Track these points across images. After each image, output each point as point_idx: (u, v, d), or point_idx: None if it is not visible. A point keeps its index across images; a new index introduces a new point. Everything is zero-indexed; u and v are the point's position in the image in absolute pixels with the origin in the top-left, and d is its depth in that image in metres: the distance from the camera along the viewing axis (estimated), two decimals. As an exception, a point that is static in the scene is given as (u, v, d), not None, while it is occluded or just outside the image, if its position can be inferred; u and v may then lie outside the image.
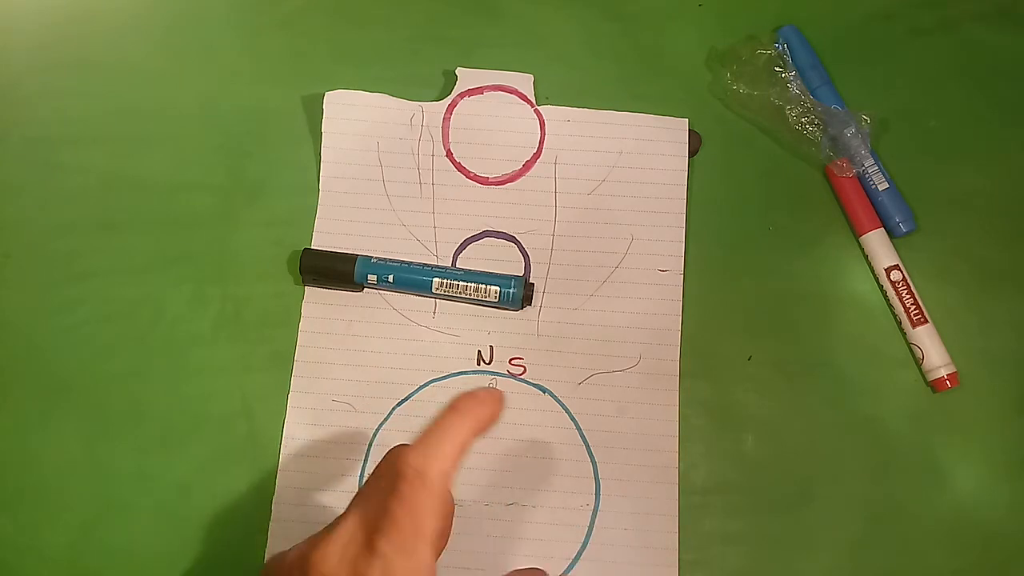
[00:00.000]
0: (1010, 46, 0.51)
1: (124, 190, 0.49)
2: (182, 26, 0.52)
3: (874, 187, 0.48)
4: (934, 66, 0.51)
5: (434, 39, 0.51)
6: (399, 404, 0.47)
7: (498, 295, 0.47)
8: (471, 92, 0.50)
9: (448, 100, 0.50)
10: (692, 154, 0.49)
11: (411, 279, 0.47)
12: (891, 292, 0.47)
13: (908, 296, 0.47)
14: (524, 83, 0.50)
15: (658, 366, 0.47)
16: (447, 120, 0.50)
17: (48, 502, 0.46)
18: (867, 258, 0.48)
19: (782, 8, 0.51)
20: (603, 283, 0.48)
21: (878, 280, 0.48)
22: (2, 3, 0.52)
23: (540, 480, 0.46)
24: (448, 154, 0.49)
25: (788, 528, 0.45)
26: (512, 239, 0.49)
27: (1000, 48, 0.51)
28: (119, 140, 0.50)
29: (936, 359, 0.46)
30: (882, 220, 0.48)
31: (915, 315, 0.47)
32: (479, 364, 0.47)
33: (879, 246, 0.48)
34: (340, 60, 0.51)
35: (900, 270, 0.47)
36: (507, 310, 0.48)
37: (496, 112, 0.50)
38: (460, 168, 0.49)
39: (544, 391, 0.47)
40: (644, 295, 0.48)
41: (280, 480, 0.46)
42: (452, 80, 0.50)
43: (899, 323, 0.48)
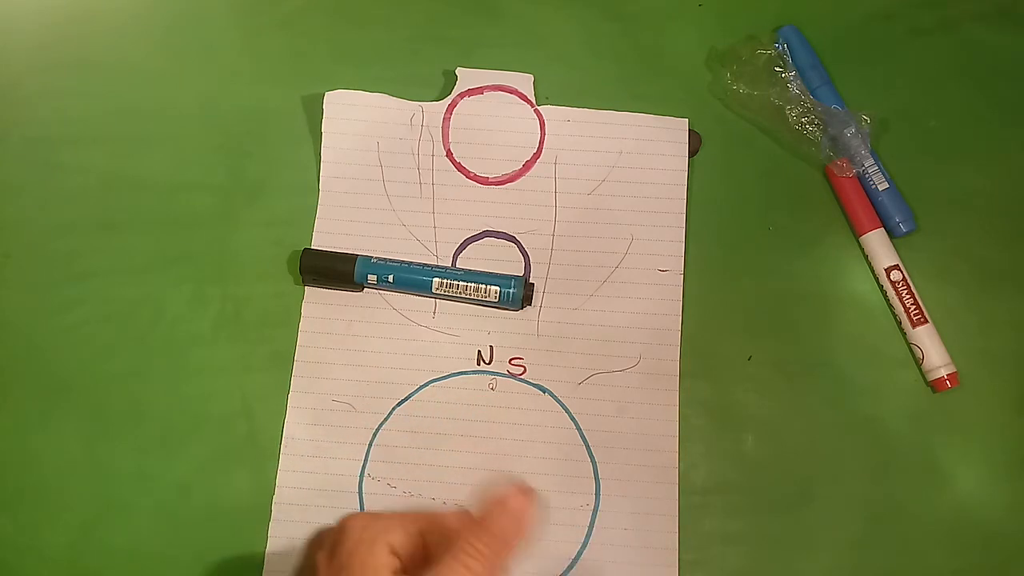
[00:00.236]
0: (1010, 46, 0.51)
1: (124, 190, 0.49)
2: (182, 26, 0.52)
3: (874, 187, 0.48)
4: (934, 66, 0.51)
5: (434, 39, 0.51)
6: (399, 404, 0.47)
7: (498, 295, 0.47)
8: (471, 92, 0.50)
9: (448, 100, 0.50)
10: (692, 154, 0.49)
11: (411, 279, 0.47)
12: (891, 292, 0.47)
13: (908, 296, 0.47)
14: (524, 83, 0.50)
15: (658, 366, 0.47)
16: (447, 120, 0.50)
17: (48, 502, 0.46)
18: (867, 258, 0.48)
19: (782, 8, 0.51)
20: (603, 283, 0.48)
21: (878, 280, 0.48)
22: (2, 3, 0.52)
23: (540, 480, 0.46)
24: (448, 154, 0.49)
25: (788, 528, 0.45)
26: (512, 239, 0.49)
27: (1000, 48, 0.51)
28: (119, 140, 0.50)
29: (936, 359, 0.46)
30: (882, 220, 0.48)
31: (915, 315, 0.47)
32: (479, 364, 0.47)
33: (879, 246, 0.48)
34: (340, 60, 0.51)
35: (900, 270, 0.47)
36: (507, 310, 0.48)
37: (496, 112, 0.50)
38: (460, 168, 0.49)
39: (544, 391, 0.47)
40: (644, 295, 0.48)
41: (280, 480, 0.46)
42: (452, 80, 0.50)
43: (899, 323, 0.48)
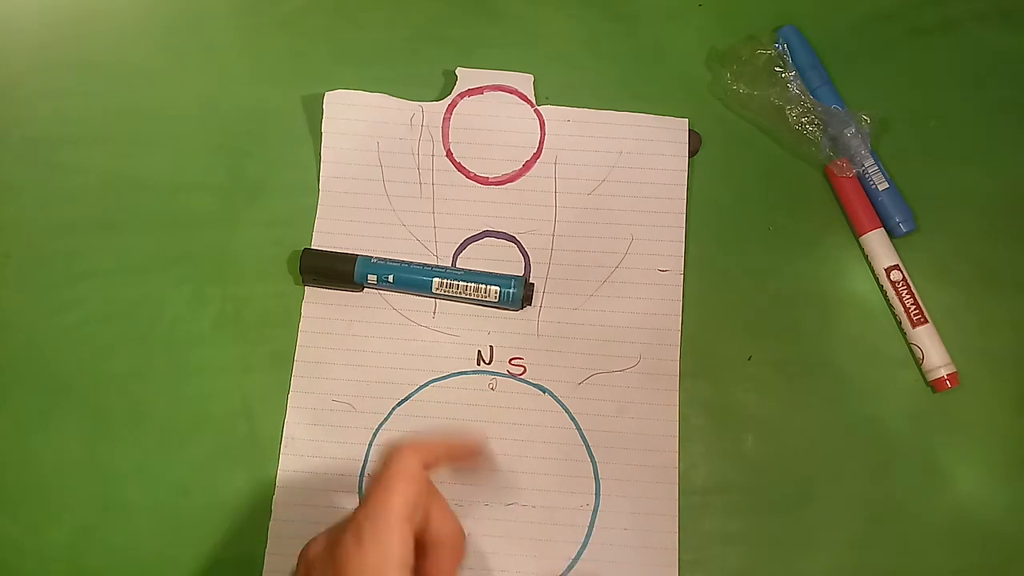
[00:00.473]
0: (1010, 46, 0.51)
1: (124, 190, 0.49)
2: (182, 26, 0.52)
3: (874, 187, 0.48)
4: (934, 66, 0.51)
5: (434, 39, 0.51)
6: (399, 404, 0.47)
7: (498, 295, 0.47)
8: (471, 92, 0.50)
9: (448, 100, 0.50)
10: (692, 154, 0.49)
11: (411, 279, 0.47)
12: (891, 292, 0.47)
13: (908, 296, 0.47)
14: (524, 83, 0.50)
15: (658, 366, 0.47)
16: (447, 120, 0.50)
17: (48, 502, 0.46)
18: (867, 258, 0.48)
19: (782, 8, 0.51)
20: (603, 283, 0.48)
21: (878, 280, 0.48)
22: (2, 3, 0.52)
23: (540, 480, 0.46)
24: (448, 154, 0.49)
25: (788, 528, 0.45)
26: (512, 239, 0.49)
27: (1000, 48, 0.51)
28: (119, 140, 0.50)
29: (936, 359, 0.46)
30: (882, 220, 0.48)
31: (915, 315, 0.47)
32: (479, 364, 0.47)
33: (879, 246, 0.48)
34: (340, 60, 0.51)
35: (900, 270, 0.47)
36: (507, 310, 0.48)
37: (496, 112, 0.50)
38: (460, 168, 0.49)
39: (544, 391, 0.47)
40: (644, 295, 0.48)
41: (280, 480, 0.46)
42: (452, 80, 0.50)
43: (899, 323, 0.48)
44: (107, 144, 0.50)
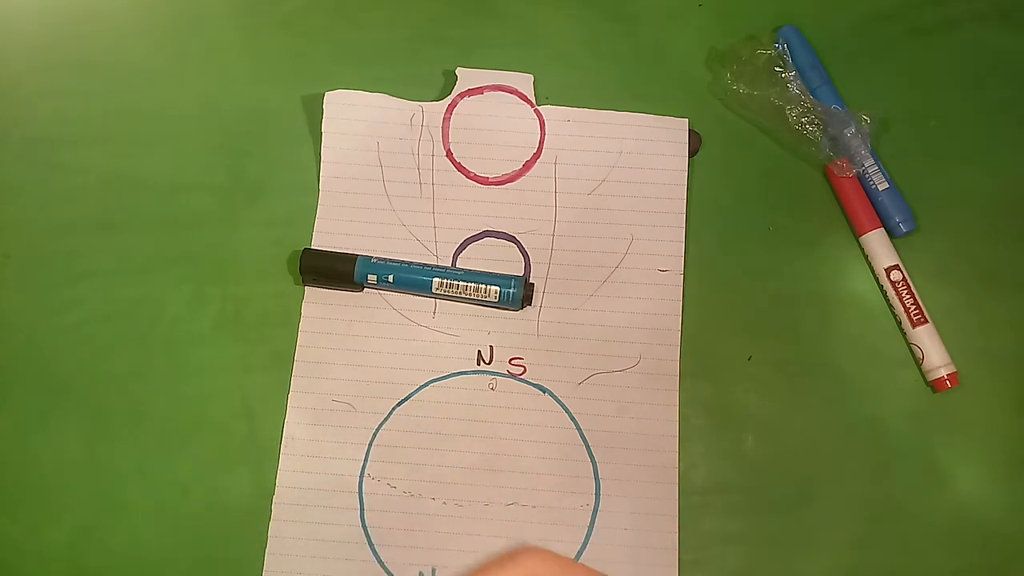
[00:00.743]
0: (1010, 46, 0.51)
1: (124, 190, 0.49)
2: (182, 26, 0.52)
3: (874, 187, 0.48)
4: (934, 66, 0.51)
5: (434, 39, 0.51)
6: (399, 404, 0.47)
7: (498, 295, 0.47)
8: (471, 92, 0.50)
9: (448, 100, 0.50)
10: (692, 154, 0.49)
11: (411, 279, 0.47)
12: (891, 292, 0.47)
13: (908, 296, 0.47)
14: (524, 83, 0.50)
15: (658, 366, 0.47)
16: (447, 120, 0.50)
17: (48, 502, 0.46)
18: (867, 258, 0.48)
19: (782, 8, 0.51)
20: (603, 283, 0.48)
21: (878, 280, 0.48)
22: (2, 3, 0.52)
23: (540, 480, 0.46)
24: (448, 154, 0.49)
25: (788, 528, 0.45)
26: (512, 239, 0.49)
27: (1000, 48, 0.51)
28: (119, 140, 0.50)
29: (936, 359, 0.46)
30: (882, 220, 0.48)
31: (915, 315, 0.47)
32: (479, 364, 0.47)
33: (879, 246, 0.48)
34: (340, 60, 0.51)
35: (900, 270, 0.47)
36: (507, 310, 0.48)
37: (496, 112, 0.50)
38: (460, 168, 0.49)
39: (544, 391, 0.47)
40: (644, 295, 0.48)
41: (280, 480, 0.46)
42: (452, 80, 0.50)
43: (899, 323, 0.48)
44: (107, 144, 0.50)
